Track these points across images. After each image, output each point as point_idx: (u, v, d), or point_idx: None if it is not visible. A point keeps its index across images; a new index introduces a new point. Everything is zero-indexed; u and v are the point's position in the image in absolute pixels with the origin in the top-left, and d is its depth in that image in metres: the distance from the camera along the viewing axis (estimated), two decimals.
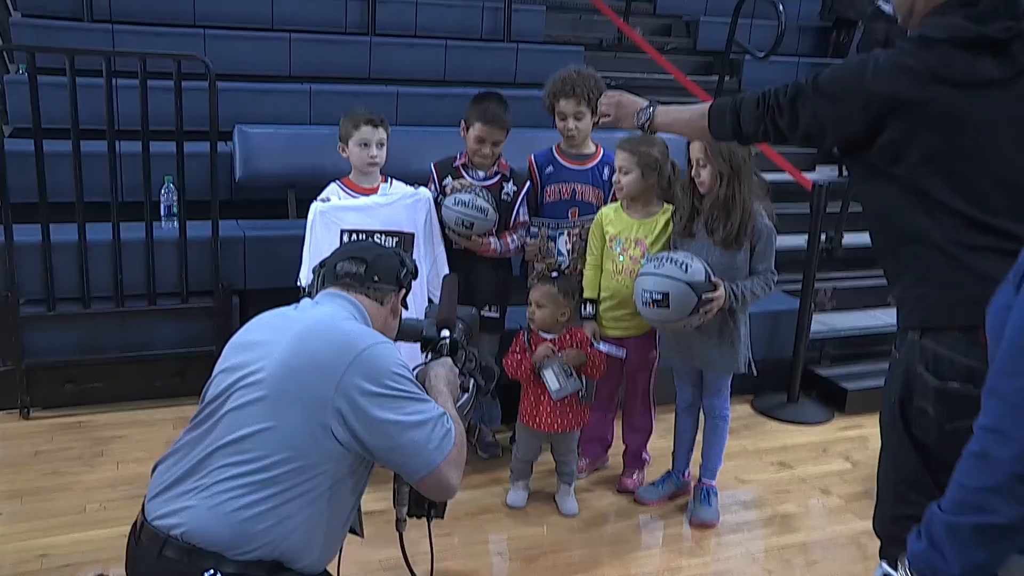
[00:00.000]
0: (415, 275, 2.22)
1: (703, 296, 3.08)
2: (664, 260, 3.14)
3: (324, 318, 1.99)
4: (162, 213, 4.18)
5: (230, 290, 4.10)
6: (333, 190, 3.51)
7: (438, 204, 3.52)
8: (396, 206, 3.42)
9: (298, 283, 3.40)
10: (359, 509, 2.09)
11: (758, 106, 2.18)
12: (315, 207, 3.37)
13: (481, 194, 3.46)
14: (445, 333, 2.26)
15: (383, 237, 3.36)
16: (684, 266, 3.09)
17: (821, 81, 2.06)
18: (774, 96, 2.15)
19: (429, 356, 2.26)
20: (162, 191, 4.18)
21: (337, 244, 3.30)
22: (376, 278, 2.10)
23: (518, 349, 3.37)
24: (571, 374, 3.29)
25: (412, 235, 3.42)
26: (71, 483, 3.40)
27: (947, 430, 1.89)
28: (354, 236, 3.33)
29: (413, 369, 2.15)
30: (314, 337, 1.92)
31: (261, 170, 4.51)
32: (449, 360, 2.18)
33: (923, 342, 1.96)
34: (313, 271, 2.18)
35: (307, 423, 1.83)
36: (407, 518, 2.16)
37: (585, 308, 3.45)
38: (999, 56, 1.91)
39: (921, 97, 1.92)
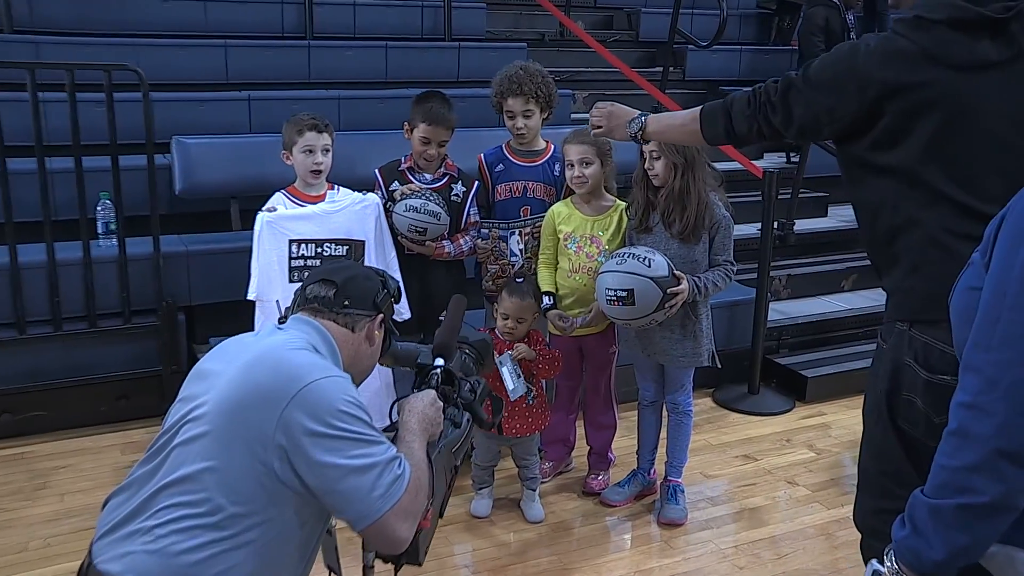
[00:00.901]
0: (398, 298, 2.07)
1: (667, 291, 3.05)
2: (626, 256, 3.11)
3: (274, 347, 1.86)
4: (99, 231, 4.04)
5: (175, 307, 4.00)
6: (278, 199, 3.43)
7: (387, 210, 3.45)
8: (344, 213, 3.35)
9: (248, 297, 3.31)
10: (336, 548, 1.99)
11: (749, 105, 2.12)
12: (261, 217, 3.29)
13: (432, 198, 3.40)
14: (440, 361, 2.09)
15: (333, 246, 3.29)
16: (647, 261, 3.07)
17: (812, 72, 2.00)
18: (765, 93, 2.09)
19: (419, 385, 2.09)
20: (98, 208, 4.04)
21: (286, 255, 3.26)
22: (346, 302, 1.96)
23: None
24: (520, 375, 3.24)
25: (363, 243, 3.35)
26: (11, 520, 3.24)
27: (936, 423, 1.85)
28: (302, 246, 3.26)
29: (395, 402, 2.02)
30: (259, 368, 1.79)
31: (201, 182, 4.38)
32: (432, 393, 2.01)
33: (912, 333, 1.92)
34: (296, 293, 2.07)
35: (249, 462, 1.72)
36: (373, 565, 2.02)
37: (543, 301, 3.39)
38: (998, 37, 1.85)
39: (916, 81, 1.86)
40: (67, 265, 3.83)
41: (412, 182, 3.53)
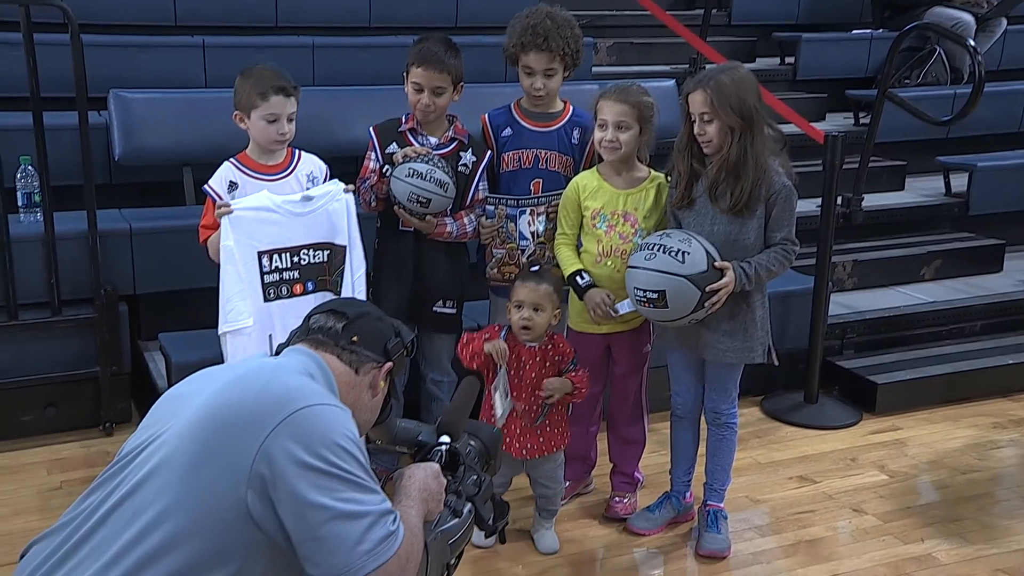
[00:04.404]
0: (410, 352, 2.16)
1: (706, 289, 3.08)
2: (656, 249, 3.12)
3: (264, 367, 1.92)
4: (20, 203, 4.06)
5: (115, 296, 4.00)
6: (229, 172, 3.37)
7: (383, 175, 3.47)
8: (320, 212, 3.31)
9: (224, 329, 3.24)
10: None
11: None
12: (227, 222, 3.16)
13: (440, 164, 3.40)
14: (446, 439, 2.18)
15: (311, 252, 3.30)
16: (680, 255, 3.08)
17: None
18: None
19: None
20: (18, 175, 4.05)
21: (256, 269, 3.22)
22: (355, 338, 2.04)
23: (487, 336, 3.30)
24: (508, 394, 3.24)
25: (343, 248, 3.35)
26: None
27: None
28: (275, 258, 3.24)
29: (390, 474, 2.07)
30: (242, 387, 1.84)
31: (146, 145, 4.39)
32: (437, 466, 2.09)
33: None
34: (291, 332, 2.12)
35: (219, 495, 1.72)
36: None
37: (582, 278, 3.37)
38: None
39: None
40: None
41: (415, 145, 3.53)
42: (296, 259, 3.28)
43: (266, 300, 3.24)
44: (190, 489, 1.73)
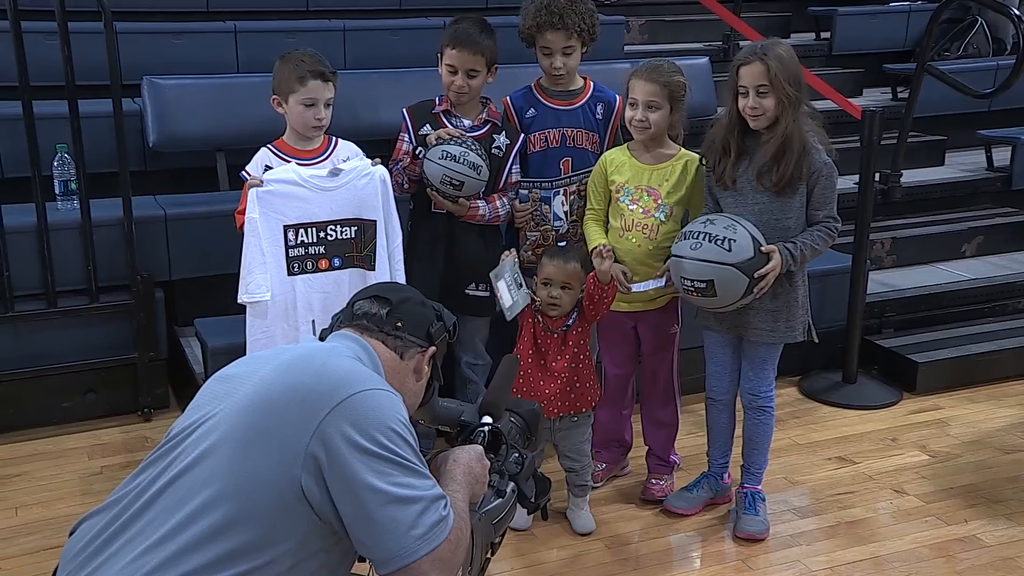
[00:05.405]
0: (452, 335, 2.18)
1: (754, 275, 3.08)
2: (701, 238, 3.12)
3: (318, 351, 1.96)
4: (57, 191, 4.07)
5: (151, 283, 4.03)
6: (265, 158, 3.38)
7: (416, 157, 3.47)
8: (347, 188, 3.32)
9: (244, 299, 3.26)
10: None
11: None
12: (254, 194, 3.20)
13: (473, 147, 3.40)
14: (488, 420, 2.22)
15: (338, 228, 3.31)
16: (727, 243, 3.08)
17: None
18: None
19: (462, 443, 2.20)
20: (54, 163, 4.07)
21: (281, 243, 3.25)
22: (399, 324, 2.07)
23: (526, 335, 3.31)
24: (522, 284, 3.21)
25: (374, 223, 3.36)
26: None
27: None
28: (300, 232, 3.26)
29: (432, 454, 2.09)
30: (298, 369, 1.87)
31: (180, 132, 4.42)
32: (480, 449, 2.12)
33: None
34: (333, 317, 2.14)
35: (272, 474, 1.73)
36: None
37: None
38: None
39: None
40: (18, 232, 3.85)
41: (448, 127, 3.51)
42: (323, 234, 3.30)
43: (290, 274, 3.27)
44: (244, 471, 1.74)
